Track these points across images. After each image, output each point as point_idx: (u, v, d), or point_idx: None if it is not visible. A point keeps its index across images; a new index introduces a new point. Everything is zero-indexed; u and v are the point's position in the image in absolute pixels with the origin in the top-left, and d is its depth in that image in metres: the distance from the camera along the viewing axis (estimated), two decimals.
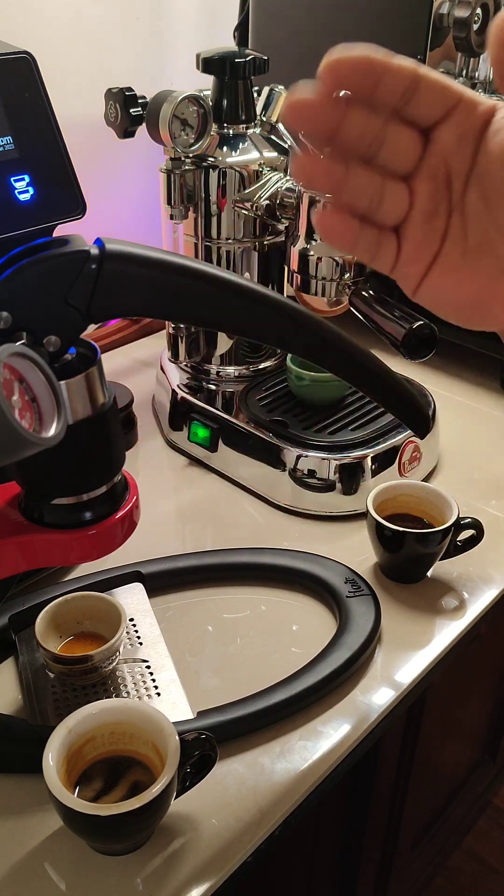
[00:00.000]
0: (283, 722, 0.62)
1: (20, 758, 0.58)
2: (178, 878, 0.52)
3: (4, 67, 0.66)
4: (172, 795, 0.52)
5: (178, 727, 0.55)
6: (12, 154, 0.66)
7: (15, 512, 0.51)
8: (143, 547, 0.74)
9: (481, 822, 1.48)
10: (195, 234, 0.86)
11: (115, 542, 0.52)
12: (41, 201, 0.68)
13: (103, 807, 0.49)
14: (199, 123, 0.79)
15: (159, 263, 0.44)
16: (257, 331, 0.49)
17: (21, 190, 0.67)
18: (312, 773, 0.59)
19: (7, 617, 0.67)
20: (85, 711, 0.54)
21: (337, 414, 0.87)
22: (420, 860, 1.20)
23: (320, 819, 0.80)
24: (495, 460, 0.92)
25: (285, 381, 0.91)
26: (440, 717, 0.96)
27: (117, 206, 1.16)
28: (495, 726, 1.26)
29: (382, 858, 1.03)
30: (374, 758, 0.80)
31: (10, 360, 0.40)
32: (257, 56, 0.81)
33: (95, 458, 0.49)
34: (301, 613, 0.72)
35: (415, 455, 0.85)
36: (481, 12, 0.92)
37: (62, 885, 0.52)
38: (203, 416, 0.89)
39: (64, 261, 0.43)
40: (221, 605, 0.73)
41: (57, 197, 0.69)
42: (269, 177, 0.82)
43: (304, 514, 0.83)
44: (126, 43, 1.07)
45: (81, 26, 1.01)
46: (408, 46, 0.93)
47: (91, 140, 0.97)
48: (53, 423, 0.41)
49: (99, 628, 0.65)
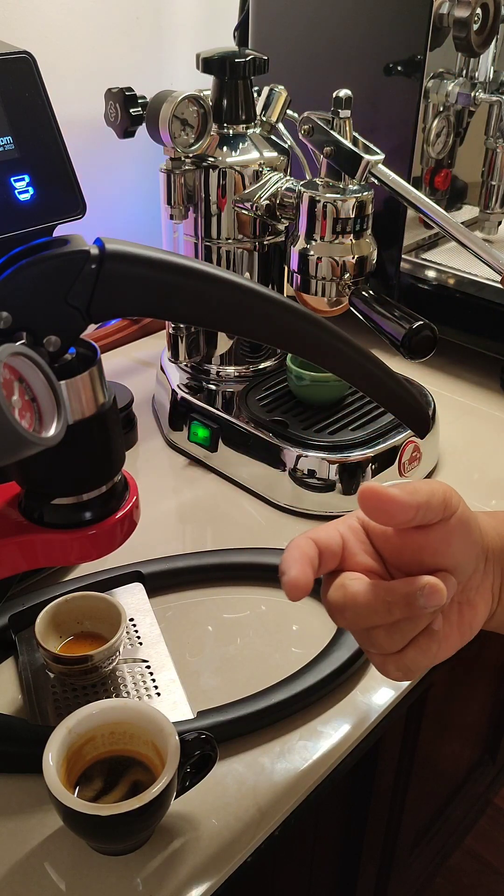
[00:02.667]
0: (283, 722, 0.62)
1: (20, 758, 0.58)
2: (178, 878, 0.52)
3: (4, 67, 0.66)
4: (172, 795, 0.52)
5: (178, 727, 0.55)
6: (12, 154, 0.66)
7: (15, 512, 0.51)
8: (143, 547, 0.74)
9: (481, 822, 1.48)
10: (195, 234, 0.86)
11: (115, 542, 0.51)
12: (41, 201, 0.68)
13: (103, 807, 0.49)
14: (199, 123, 0.79)
15: (159, 263, 0.44)
16: (257, 331, 0.49)
17: (21, 190, 0.67)
18: (312, 773, 0.59)
19: (7, 617, 0.67)
20: (85, 711, 0.54)
21: (337, 414, 0.87)
22: (420, 860, 1.20)
23: (320, 819, 0.81)
24: (495, 460, 0.92)
25: (285, 381, 0.91)
26: (440, 717, 0.96)
27: (117, 206, 1.16)
28: (495, 726, 1.26)
29: (382, 858, 1.03)
30: (374, 758, 0.80)
31: (10, 360, 0.40)
32: (257, 56, 0.81)
33: (95, 458, 0.49)
34: (301, 613, 0.72)
35: (415, 455, 0.85)
36: (481, 12, 0.92)
37: (62, 885, 0.52)
38: (203, 416, 0.89)
39: (64, 261, 0.43)
40: (221, 605, 0.73)
41: (57, 197, 0.69)
42: (269, 177, 0.82)
43: (304, 514, 0.83)
44: (126, 43, 1.07)
45: (81, 26, 1.01)
46: (408, 46, 0.93)
47: (91, 140, 0.97)
48: (53, 423, 0.41)
49: (99, 628, 0.65)
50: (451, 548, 0.45)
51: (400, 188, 0.75)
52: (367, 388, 0.55)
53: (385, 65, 0.96)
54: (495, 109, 1.04)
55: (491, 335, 1.03)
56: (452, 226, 0.75)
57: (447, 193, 1.11)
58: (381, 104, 0.98)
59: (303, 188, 0.76)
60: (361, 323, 0.76)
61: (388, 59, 0.95)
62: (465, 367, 1.08)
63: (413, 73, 0.94)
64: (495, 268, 0.75)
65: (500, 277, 0.76)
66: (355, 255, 0.76)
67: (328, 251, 0.76)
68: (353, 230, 0.75)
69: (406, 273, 1.06)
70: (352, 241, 0.76)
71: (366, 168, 0.72)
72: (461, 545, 0.45)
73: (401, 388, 0.55)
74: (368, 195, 0.75)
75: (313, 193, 0.75)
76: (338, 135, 0.73)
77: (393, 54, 0.95)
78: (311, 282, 0.78)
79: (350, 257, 0.76)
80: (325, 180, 0.76)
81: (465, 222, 1.13)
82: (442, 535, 0.44)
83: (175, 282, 0.45)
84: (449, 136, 1.04)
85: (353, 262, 0.76)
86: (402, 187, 0.75)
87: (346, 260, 0.76)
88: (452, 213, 1.15)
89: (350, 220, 0.75)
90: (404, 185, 0.75)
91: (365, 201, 0.75)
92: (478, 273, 1.02)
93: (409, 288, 1.07)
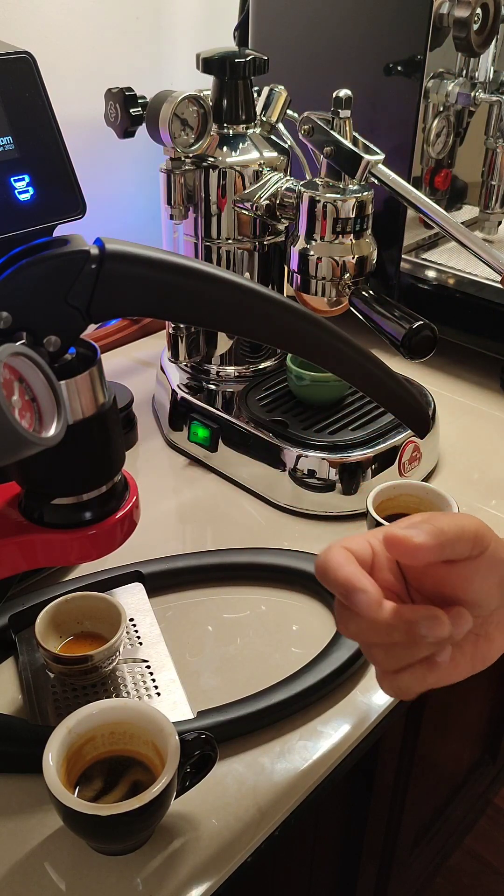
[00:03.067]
0: (283, 722, 0.62)
1: (20, 758, 0.58)
2: (178, 878, 0.52)
3: (4, 67, 0.66)
4: (172, 795, 0.52)
5: (178, 727, 0.55)
6: (12, 154, 0.66)
7: (15, 512, 0.51)
8: (143, 547, 0.74)
9: (481, 822, 1.48)
10: (195, 234, 0.86)
11: (115, 542, 0.52)
12: (41, 201, 0.68)
13: (103, 807, 0.49)
14: (199, 123, 0.79)
15: (159, 263, 0.44)
16: (257, 331, 0.49)
17: (21, 190, 0.67)
18: (312, 773, 0.59)
19: (7, 617, 0.67)
20: (85, 711, 0.54)
21: (337, 414, 0.87)
22: (420, 860, 1.20)
23: (320, 819, 0.81)
24: (495, 460, 0.92)
25: (285, 381, 0.91)
26: (440, 717, 0.96)
27: (117, 206, 1.16)
28: (495, 726, 1.26)
29: (382, 858, 1.03)
30: (374, 758, 0.80)
31: (10, 360, 0.40)
32: (257, 56, 0.81)
33: (95, 458, 0.49)
34: (301, 613, 0.72)
35: (415, 455, 0.85)
36: (481, 12, 0.92)
37: (62, 885, 0.52)
38: (203, 416, 0.89)
39: (64, 261, 0.43)
40: (221, 605, 0.73)
41: (57, 197, 0.69)
42: (269, 177, 0.82)
43: (304, 514, 0.83)
44: (126, 43, 1.07)
45: (81, 26, 1.01)
46: (408, 46, 0.93)
47: (91, 140, 0.97)
48: (53, 423, 0.41)
49: (99, 628, 0.65)
50: (475, 585, 0.44)
51: (400, 188, 0.75)
52: (367, 388, 0.55)
53: (385, 65, 0.96)
54: (495, 109, 1.04)
55: (491, 335, 1.03)
56: (452, 226, 0.75)
57: (447, 193, 1.11)
58: (381, 104, 0.98)
59: (303, 188, 0.76)
60: (361, 323, 0.76)
61: (388, 59, 0.95)
62: (465, 367, 1.08)
63: (413, 73, 0.94)
64: (495, 268, 0.75)
65: (500, 277, 0.76)
66: (355, 255, 0.76)
67: (328, 251, 0.76)
68: (353, 230, 0.75)
69: (406, 273, 1.06)
70: (352, 241, 0.76)
71: (366, 168, 0.72)
72: (486, 582, 0.44)
73: (401, 388, 0.55)
74: (368, 195, 0.75)
75: (313, 193, 0.75)
76: (338, 135, 0.73)
77: (393, 54, 0.95)
78: (311, 282, 0.78)
79: (350, 257, 0.76)
80: (325, 180, 0.76)
81: (465, 222, 1.13)
82: (467, 571, 0.43)
83: (175, 282, 0.45)
84: (449, 136, 1.04)
85: (353, 262, 0.76)
86: (402, 187, 0.75)
87: (346, 260, 0.76)
88: (452, 213, 1.15)
89: (350, 220, 0.75)
90: (404, 185, 0.75)
91: (365, 201, 0.75)
92: (478, 273, 1.02)
93: (409, 288, 1.07)
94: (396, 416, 0.60)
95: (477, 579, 0.44)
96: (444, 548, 0.41)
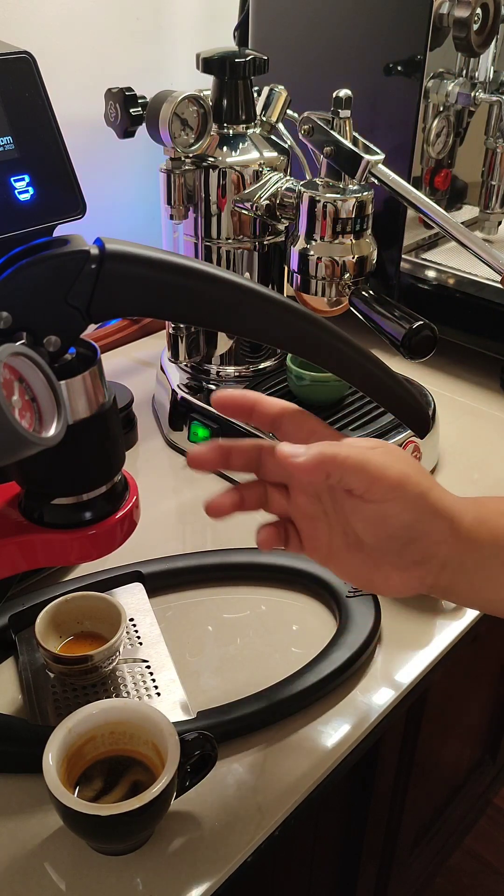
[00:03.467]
0: (283, 722, 0.62)
1: (20, 758, 0.58)
2: (178, 878, 0.52)
3: (4, 67, 0.66)
4: (172, 795, 0.52)
5: (178, 727, 0.55)
6: (12, 154, 0.66)
7: (15, 512, 0.51)
8: (143, 547, 0.74)
9: (481, 822, 1.48)
10: (195, 234, 0.86)
11: (114, 542, 0.52)
12: (41, 201, 0.68)
13: (103, 807, 0.49)
14: (199, 123, 0.79)
15: (159, 263, 0.44)
16: (257, 331, 0.49)
17: (21, 190, 0.67)
18: (312, 773, 0.59)
19: (7, 617, 0.67)
20: (85, 711, 0.54)
21: (337, 414, 0.87)
22: (420, 860, 1.20)
23: (320, 819, 0.81)
24: (495, 460, 0.92)
25: (285, 381, 0.91)
26: (440, 717, 0.96)
27: (117, 206, 1.16)
28: (495, 726, 1.26)
29: (382, 858, 1.03)
30: (374, 758, 0.80)
31: (10, 360, 0.40)
32: (257, 56, 0.81)
33: (95, 458, 0.49)
34: (301, 613, 0.72)
35: (415, 455, 0.85)
36: (481, 12, 0.92)
37: (62, 885, 0.52)
38: (203, 416, 0.89)
39: (64, 261, 0.43)
40: (221, 605, 0.73)
41: (57, 197, 0.69)
42: (269, 177, 0.82)
43: None
44: (126, 43, 1.07)
45: (82, 26, 1.01)
46: (408, 46, 0.93)
47: (91, 140, 0.97)
48: (53, 423, 0.41)
49: (99, 628, 0.65)
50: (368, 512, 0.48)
51: (400, 188, 0.75)
52: (367, 389, 0.55)
53: (385, 65, 0.96)
54: (495, 109, 1.04)
55: (491, 335, 1.03)
56: (452, 226, 0.75)
57: (447, 193, 1.11)
58: (381, 104, 0.98)
59: (303, 188, 0.76)
60: (361, 323, 0.76)
61: (388, 59, 0.95)
62: (465, 367, 1.08)
63: (413, 73, 0.94)
64: (495, 268, 0.75)
65: (500, 277, 0.76)
66: (355, 255, 0.76)
67: (328, 251, 0.76)
68: (353, 230, 0.75)
69: (406, 273, 1.06)
70: (352, 241, 0.76)
71: (366, 168, 0.72)
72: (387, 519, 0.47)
73: (401, 388, 0.55)
74: (368, 195, 0.75)
75: (313, 193, 0.75)
76: (338, 135, 0.73)
77: (393, 54, 0.95)
78: (311, 282, 0.78)
79: (350, 257, 0.76)
80: (325, 180, 0.76)
81: (465, 222, 1.13)
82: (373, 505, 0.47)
83: (175, 282, 0.45)
84: (449, 136, 1.04)
85: (353, 262, 0.76)
86: (402, 187, 0.75)
87: (346, 260, 0.76)
88: (452, 213, 1.15)
89: (350, 220, 0.75)
90: (404, 185, 0.75)
91: (365, 201, 0.75)
92: (478, 273, 1.02)
93: (409, 288, 1.07)
94: (396, 416, 0.59)
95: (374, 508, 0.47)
96: (330, 476, 0.46)
